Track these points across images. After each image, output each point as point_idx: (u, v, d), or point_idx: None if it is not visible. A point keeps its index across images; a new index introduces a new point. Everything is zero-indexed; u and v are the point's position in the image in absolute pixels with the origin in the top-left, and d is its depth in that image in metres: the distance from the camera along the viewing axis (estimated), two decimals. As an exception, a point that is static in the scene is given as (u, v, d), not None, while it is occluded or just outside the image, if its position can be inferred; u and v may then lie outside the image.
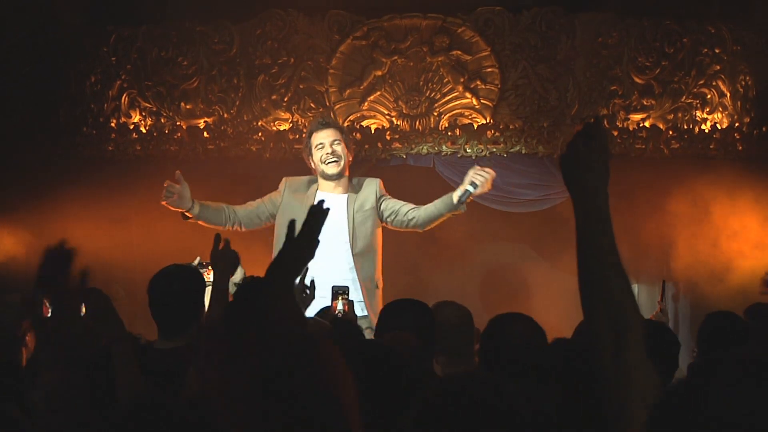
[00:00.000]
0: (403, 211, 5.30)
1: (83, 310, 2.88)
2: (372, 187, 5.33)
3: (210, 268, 3.82)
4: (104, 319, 2.73)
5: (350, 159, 5.33)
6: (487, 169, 5.07)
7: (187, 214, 5.34)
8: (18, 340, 3.50)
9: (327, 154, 5.19)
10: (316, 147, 5.25)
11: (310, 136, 5.33)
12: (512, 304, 5.68)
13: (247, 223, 5.42)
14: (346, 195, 5.32)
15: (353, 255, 5.16)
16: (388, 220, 5.34)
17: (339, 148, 5.21)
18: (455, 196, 5.10)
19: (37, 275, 2.33)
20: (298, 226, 2.08)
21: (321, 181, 5.34)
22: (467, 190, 5.00)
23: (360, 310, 4.95)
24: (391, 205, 5.30)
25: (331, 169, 5.25)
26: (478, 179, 5.03)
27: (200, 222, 5.37)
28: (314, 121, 5.46)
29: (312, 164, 5.36)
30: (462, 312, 3.92)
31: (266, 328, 1.73)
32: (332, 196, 5.19)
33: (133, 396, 2.51)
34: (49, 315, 2.62)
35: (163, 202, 5.33)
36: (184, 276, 3.30)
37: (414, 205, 5.34)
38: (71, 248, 2.35)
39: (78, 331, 2.37)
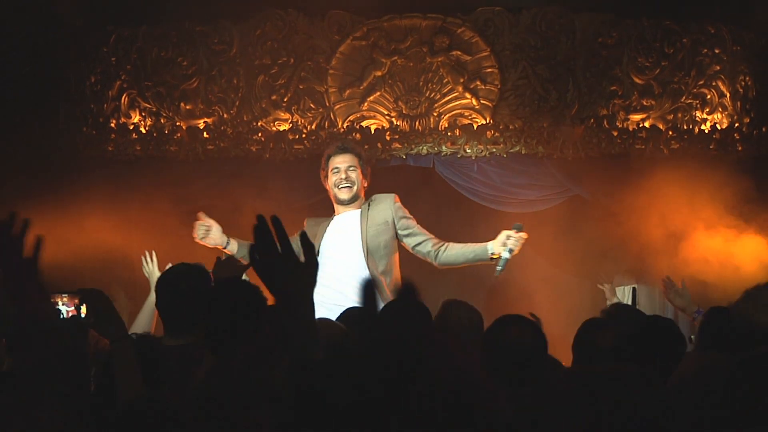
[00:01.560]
0: (428, 245, 5.27)
1: (84, 310, 2.95)
2: (387, 202, 5.33)
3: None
4: (105, 319, 2.75)
5: (365, 185, 5.38)
6: (522, 234, 5.06)
7: (225, 251, 5.31)
8: None
9: (341, 179, 5.25)
10: (332, 170, 5.32)
11: (327, 160, 5.38)
12: (511, 304, 5.72)
13: None
14: (359, 210, 5.37)
15: (368, 268, 5.13)
16: (407, 241, 5.34)
17: (354, 175, 5.27)
18: (489, 251, 5.09)
19: None
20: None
21: (336, 205, 5.43)
22: (505, 258, 4.98)
23: None
24: (414, 231, 5.29)
25: (344, 194, 5.32)
26: (512, 243, 5.03)
27: (241, 260, 5.17)
28: (333, 145, 5.48)
29: (327, 187, 5.45)
30: (472, 314, 3.91)
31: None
32: (346, 215, 5.34)
33: (133, 396, 2.51)
34: None
35: (197, 240, 5.32)
36: (191, 275, 3.32)
37: (438, 241, 5.28)
38: (23, 222, 2.24)
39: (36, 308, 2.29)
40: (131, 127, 6.74)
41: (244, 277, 3.93)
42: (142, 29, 6.69)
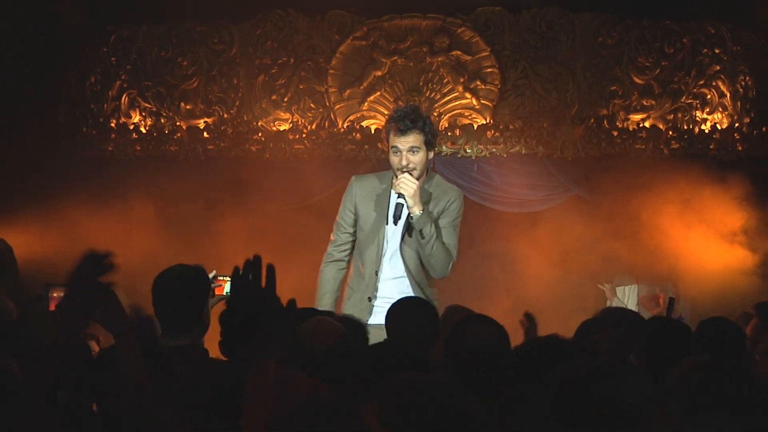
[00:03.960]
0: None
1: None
2: (448, 197, 4.29)
3: (224, 282, 3.77)
4: (110, 313, 2.66)
5: (431, 156, 4.31)
6: (403, 175, 4.10)
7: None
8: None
9: (401, 163, 4.17)
10: (391, 148, 4.24)
11: (388, 134, 4.28)
12: (509, 305, 5.86)
13: (350, 244, 4.37)
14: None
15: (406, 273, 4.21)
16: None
17: (416, 158, 4.16)
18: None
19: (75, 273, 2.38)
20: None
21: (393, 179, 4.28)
22: (399, 204, 4.12)
23: None
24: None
25: None
26: (397, 189, 4.11)
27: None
28: (393, 117, 4.24)
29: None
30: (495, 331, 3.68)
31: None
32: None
33: (136, 390, 2.50)
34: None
35: None
36: (188, 275, 3.27)
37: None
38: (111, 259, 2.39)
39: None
40: (131, 127, 6.73)
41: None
42: (142, 29, 6.69)
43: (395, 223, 4.10)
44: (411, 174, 4.09)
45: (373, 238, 4.21)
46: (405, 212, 4.10)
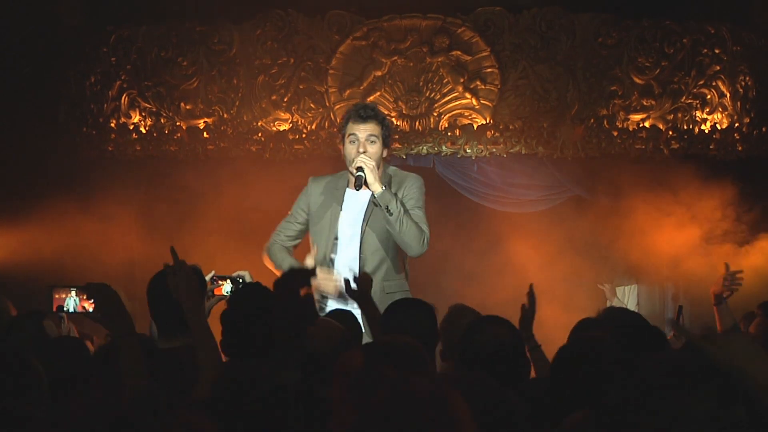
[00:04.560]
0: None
1: (91, 305, 2.94)
2: (406, 182, 4.30)
3: (224, 282, 3.76)
4: (113, 313, 2.72)
5: (387, 155, 4.33)
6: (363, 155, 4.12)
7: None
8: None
9: (357, 151, 4.19)
10: (349, 136, 4.24)
11: (346, 122, 4.30)
12: (509, 304, 5.85)
13: (297, 237, 4.48)
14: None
15: (360, 255, 4.23)
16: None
17: (373, 149, 4.19)
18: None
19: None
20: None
21: (349, 176, 4.29)
22: (359, 175, 4.09)
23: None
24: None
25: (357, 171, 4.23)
26: (359, 162, 4.10)
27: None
28: (353, 107, 4.38)
29: (342, 151, 4.35)
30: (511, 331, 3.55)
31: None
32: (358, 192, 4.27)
33: (138, 391, 2.51)
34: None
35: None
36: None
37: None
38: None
39: None
40: (131, 127, 6.72)
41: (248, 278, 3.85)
42: (142, 29, 6.68)
43: (357, 189, 4.10)
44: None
45: (326, 225, 4.27)
46: (354, 207, 4.19)
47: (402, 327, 3.16)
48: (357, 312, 3.86)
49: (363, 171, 4.08)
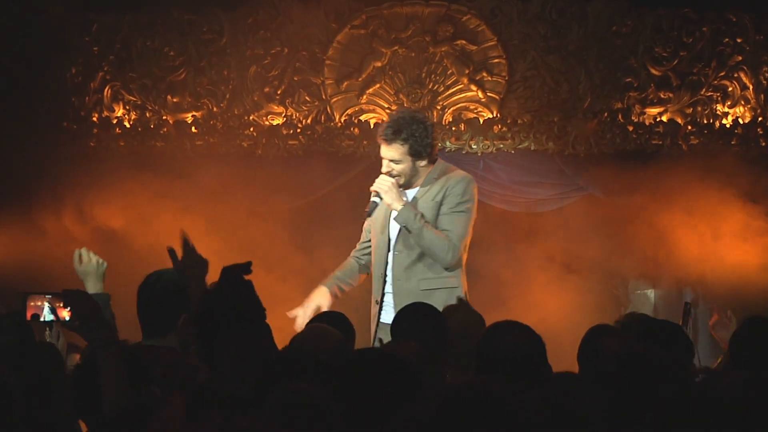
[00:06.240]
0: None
1: (69, 313, 2.93)
2: (448, 183, 4.43)
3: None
4: (91, 323, 2.75)
5: (426, 161, 4.43)
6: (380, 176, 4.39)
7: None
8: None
9: (384, 172, 4.45)
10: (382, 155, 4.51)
11: None
12: (516, 307, 5.69)
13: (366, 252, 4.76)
14: (416, 189, 4.51)
15: (394, 254, 4.46)
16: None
17: (399, 168, 4.39)
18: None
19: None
20: None
21: None
22: (373, 201, 4.39)
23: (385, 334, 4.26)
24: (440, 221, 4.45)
25: None
26: (375, 187, 4.37)
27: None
28: (381, 126, 4.52)
29: None
30: (471, 318, 3.92)
31: None
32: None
33: (118, 401, 2.57)
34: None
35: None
36: (166, 277, 3.28)
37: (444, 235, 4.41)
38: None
39: None
40: (114, 122, 6.64)
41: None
42: (127, 17, 6.60)
43: (368, 215, 4.46)
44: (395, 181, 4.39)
45: (377, 243, 4.54)
46: (382, 210, 4.43)
47: (409, 333, 3.30)
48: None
49: (379, 197, 4.37)
